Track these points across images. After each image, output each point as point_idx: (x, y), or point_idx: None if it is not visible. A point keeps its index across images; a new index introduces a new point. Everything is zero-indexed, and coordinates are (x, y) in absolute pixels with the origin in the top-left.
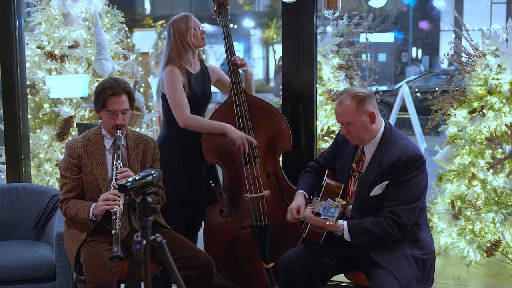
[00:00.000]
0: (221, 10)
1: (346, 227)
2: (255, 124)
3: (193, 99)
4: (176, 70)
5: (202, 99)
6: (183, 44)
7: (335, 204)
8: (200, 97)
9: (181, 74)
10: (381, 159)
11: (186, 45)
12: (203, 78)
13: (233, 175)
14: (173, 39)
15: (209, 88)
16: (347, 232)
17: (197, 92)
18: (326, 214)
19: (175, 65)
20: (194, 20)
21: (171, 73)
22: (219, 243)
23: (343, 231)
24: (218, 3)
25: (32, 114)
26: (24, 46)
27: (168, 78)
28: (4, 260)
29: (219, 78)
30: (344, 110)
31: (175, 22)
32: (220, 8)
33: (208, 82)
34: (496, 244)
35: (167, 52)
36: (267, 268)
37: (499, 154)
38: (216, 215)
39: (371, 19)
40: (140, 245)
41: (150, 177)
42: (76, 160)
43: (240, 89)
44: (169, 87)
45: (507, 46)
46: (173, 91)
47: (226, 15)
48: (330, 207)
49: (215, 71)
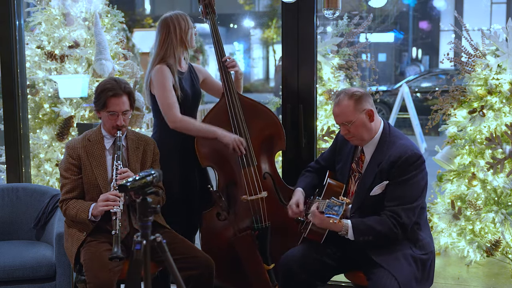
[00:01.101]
0: (208, 10)
1: (350, 226)
2: (249, 125)
3: (185, 99)
4: (166, 69)
5: (193, 99)
6: (182, 42)
7: (339, 202)
8: (191, 97)
9: (171, 73)
10: (381, 158)
11: (184, 44)
12: (192, 78)
13: (229, 178)
14: (173, 35)
15: (198, 87)
16: (351, 231)
17: (188, 92)
18: (330, 212)
19: (165, 64)
20: (191, 21)
21: (160, 72)
22: (218, 247)
23: (348, 229)
24: (204, 3)
25: (32, 114)
26: (24, 46)
27: (157, 77)
28: (4, 260)
29: (204, 79)
30: (342, 110)
31: (175, 19)
32: (207, 9)
33: (197, 81)
34: (496, 244)
35: (160, 48)
36: (268, 269)
37: (499, 154)
38: (213, 219)
39: (371, 19)
40: (140, 245)
41: (150, 177)
42: (76, 160)
43: (233, 90)
44: (159, 87)
45: (507, 46)
46: (162, 91)
47: (214, 15)
48: (334, 205)
49: (201, 71)
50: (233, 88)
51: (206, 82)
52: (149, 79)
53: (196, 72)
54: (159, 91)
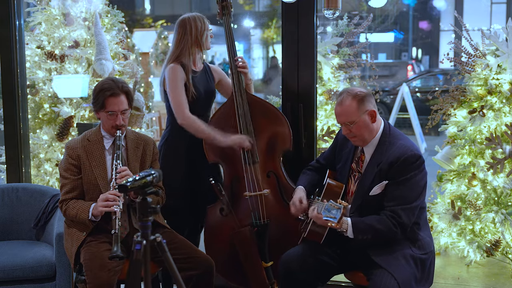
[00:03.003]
0: (224, 12)
1: (350, 224)
2: (256, 124)
3: (197, 98)
4: (179, 68)
5: (206, 97)
6: (197, 43)
7: (337, 205)
8: (204, 95)
9: (184, 72)
10: (381, 158)
11: (200, 44)
12: (206, 77)
13: (233, 174)
14: (188, 35)
15: (212, 86)
16: (350, 229)
17: (200, 91)
18: (328, 216)
19: (178, 63)
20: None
21: (173, 70)
22: (220, 241)
23: (347, 227)
24: (222, 5)
25: (32, 114)
26: (24, 46)
27: (170, 75)
28: (4, 260)
29: (220, 79)
30: (345, 110)
31: (192, 20)
32: (224, 10)
33: (211, 81)
34: (496, 244)
35: (176, 48)
36: (266, 266)
37: (499, 154)
38: (216, 213)
39: (371, 19)
40: (140, 245)
41: (150, 177)
42: (75, 160)
43: (242, 89)
44: (170, 84)
45: (507, 46)
46: (173, 88)
47: (229, 17)
48: (332, 208)
49: (217, 71)
50: (242, 86)
51: (222, 83)
52: (163, 76)
53: (212, 72)
54: (171, 89)
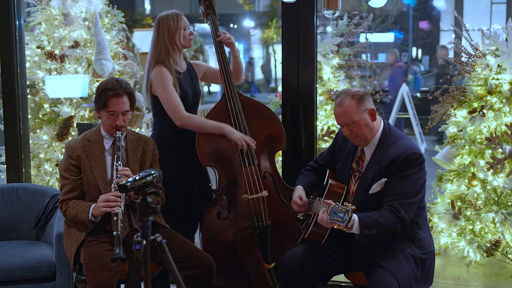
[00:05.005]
0: (208, 11)
1: (357, 219)
2: (250, 125)
3: (185, 99)
4: (164, 70)
5: (193, 97)
6: (171, 44)
7: (345, 209)
8: (191, 96)
9: (170, 74)
10: (381, 158)
11: (174, 45)
12: (191, 76)
13: (229, 177)
14: (161, 38)
15: (198, 86)
16: (357, 224)
17: (187, 92)
18: (334, 218)
19: (162, 65)
20: (184, 20)
21: (159, 73)
22: (219, 245)
23: (353, 223)
24: (205, 4)
25: (32, 114)
26: (24, 46)
27: (157, 79)
28: (4, 260)
29: (205, 71)
30: (345, 110)
31: (164, 20)
32: (208, 10)
33: (196, 79)
34: (496, 244)
35: (155, 51)
36: (269, 268)
37: (499, 154)
38: (214, 218)
39: (371, 19)
40: (140, 245)
41: (150, 177)
42: (75, 161)
43: (234, 91)
44: (160, 88)
45: (507, 46)
46: (164, 91)
47: (215, 16)
48: (339, 211)
49: (199, 65)
50: (233, 88)
51: (208, 73)
52: (149, 81)
53: (195, 70)
54: (161, 92)
